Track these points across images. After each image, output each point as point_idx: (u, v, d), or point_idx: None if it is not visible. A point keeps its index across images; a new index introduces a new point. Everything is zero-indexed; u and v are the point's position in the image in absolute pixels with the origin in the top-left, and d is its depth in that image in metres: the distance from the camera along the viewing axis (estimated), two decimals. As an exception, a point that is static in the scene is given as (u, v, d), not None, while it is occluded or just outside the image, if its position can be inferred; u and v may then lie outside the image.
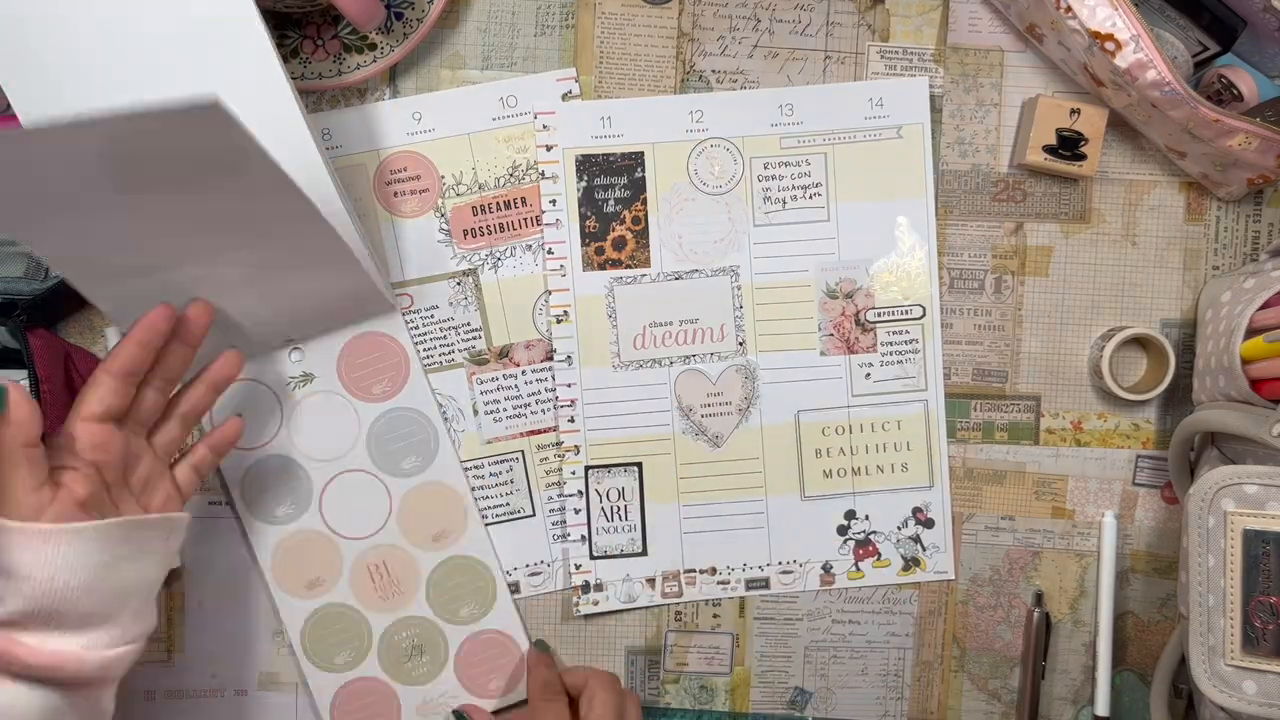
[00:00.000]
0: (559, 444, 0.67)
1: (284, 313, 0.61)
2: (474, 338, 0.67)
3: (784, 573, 0.68)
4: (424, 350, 0.67)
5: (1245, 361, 0.58)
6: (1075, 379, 0.68)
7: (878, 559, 0.68)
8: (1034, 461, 0.68)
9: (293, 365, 0.65)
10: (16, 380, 0.60)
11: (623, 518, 0.67)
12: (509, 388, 0.67)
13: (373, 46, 0.64)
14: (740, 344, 0.67)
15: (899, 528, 0.68)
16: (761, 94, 0.66)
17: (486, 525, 0.67)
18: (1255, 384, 0.58)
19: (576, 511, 0.67)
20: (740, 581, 0.68)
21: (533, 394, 0.67)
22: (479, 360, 0.67)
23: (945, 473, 0.68)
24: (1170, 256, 0.68)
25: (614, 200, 0.66)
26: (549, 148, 0.65)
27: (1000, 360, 0.68)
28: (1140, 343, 0.68)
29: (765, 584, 0.68)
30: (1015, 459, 0.68)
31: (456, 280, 0.67)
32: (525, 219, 0.67)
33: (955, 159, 0.67)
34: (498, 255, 0.67)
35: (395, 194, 0.66)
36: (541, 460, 0.68)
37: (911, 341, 0.67)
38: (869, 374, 0.67)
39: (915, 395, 0.67)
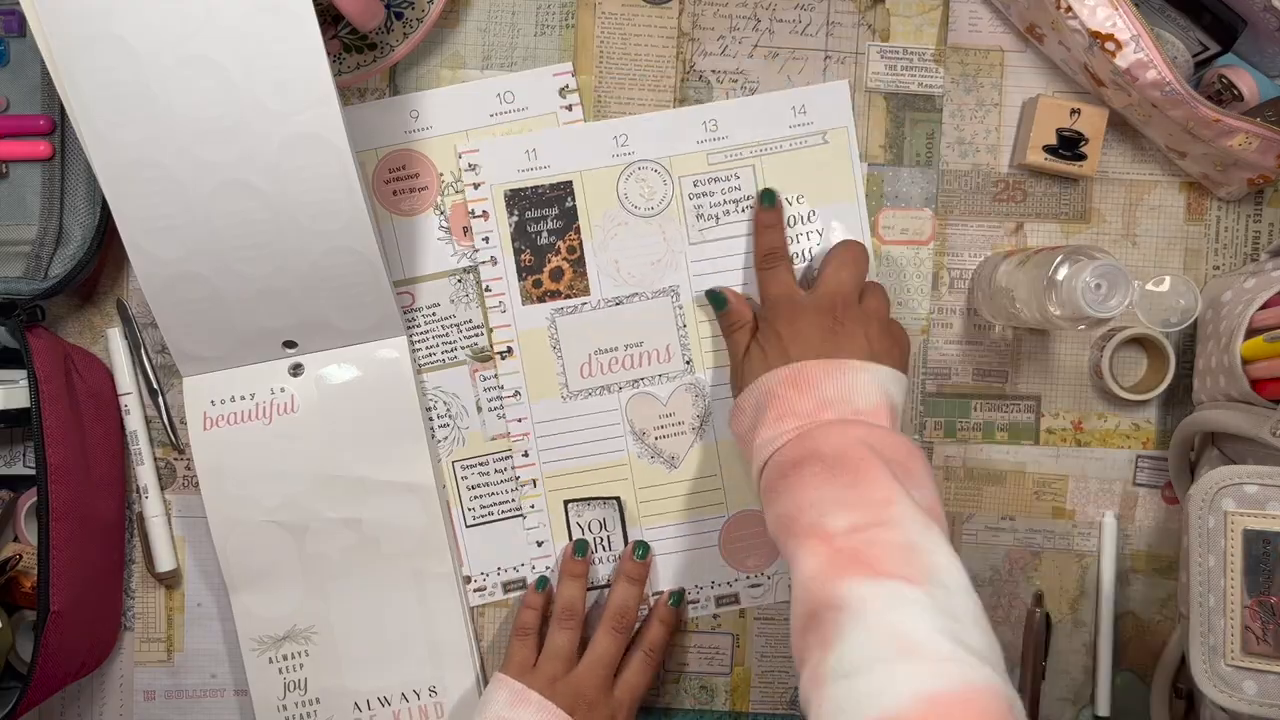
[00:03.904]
0: (516, 479, 0.67)
1: (295, 309, 0.61)
2: (475, 334, 0.67)
3: (753, 586, 0.68)
4: (426, 348, 0.67)
5: (1245, 361, 0.58)
6: (1075, 379, 0.68)
7: None
8: (1034, 461, 0.68)
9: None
10: (16, 381, 0.61)
11: (607, 548, 0.67)
12: None
13: (373, 46, 0.64)
14: (687, 363, 0.66)
15: None
16: (684, 113, 0.66)
17: (491, 521, 0.67)
18: (1255, 384, 0.58)
19: (540, 544, 0.67)
20: (710, 599, 0.68)
21: None
22: (481, 357, 0.67)
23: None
24: (1170, 256, 0.68)
25: (547, 231, 0.66)
26: (476, 185, 0.65)
27: (1000, 360, 0.68)
28: (1140, 343, 0.68)
29: (735, 599, 0.68)
30: (1015, 459, 0.68)
31: (457, 277, 0.67)
32: None
33: (955, 159, 0.67)
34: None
35: (394, 192, 0.66)
36: None
37: None
38: None
39: None
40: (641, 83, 0.67)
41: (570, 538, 0.67)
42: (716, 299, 0.64)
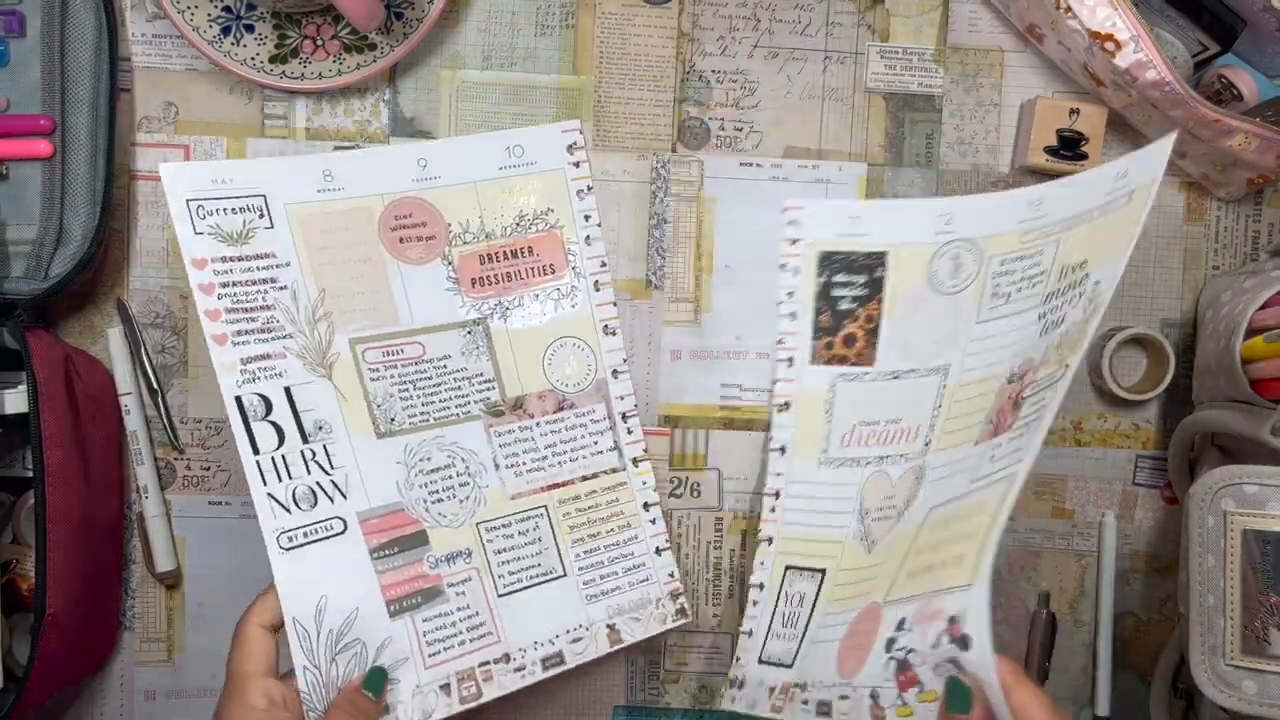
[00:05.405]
0: (757, 531, 0.62)
1: None
2: (488, 389, 0.65)
3: (842, 698, 0.59)
4: (440, 402, 0.64)
5: (1245, 361, 0.58)
6: (1075, 379, 0.68)
7: (920, 690, 0.55)
8: (1033, 461, 0.68)
9: None
10: (16, 385, 0.61)
11: (793, 625, 0.61)
12: (526, 439, 0.65)
13: (373, 46, 0.64)
14: (925, 444, 0.60)
15: (932, 647, 0.54)
16: (1013, 194, 0.56)
17: (521, 589, 0.64)
18: (1255, 384, 0.58)
19: (755, 604, 0.62)
20: (812, 703, 0.60)
21: (549, 446, 0.65)
22: (495, 411, 0.65)
23: (987, 569, 0.53)
24: (1170, 256, 0.68)
25: (851, 298, 0.60)
26: (794, 240, 0.59)
27: (1000, 360, 0.68)
28: (1140, 343, 0.68)
29: (828, 710, 0.59)
30: (1015, 459, 0.68)
31: (467, 329, 0.64)
32: (532, 268, 0.65)
33: (955, 159, 0.67)
34: (506, 305, 0.65)
35: (401, 239, 0.63)
36: (564, 515, 0.65)
37: (1040, 409, 0.56)
38: (994, 455, 0.58)
39: (1009, 469, 0.56)
40: (641, 83, 0.67)
41: (777, 604, 0.61)
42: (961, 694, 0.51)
